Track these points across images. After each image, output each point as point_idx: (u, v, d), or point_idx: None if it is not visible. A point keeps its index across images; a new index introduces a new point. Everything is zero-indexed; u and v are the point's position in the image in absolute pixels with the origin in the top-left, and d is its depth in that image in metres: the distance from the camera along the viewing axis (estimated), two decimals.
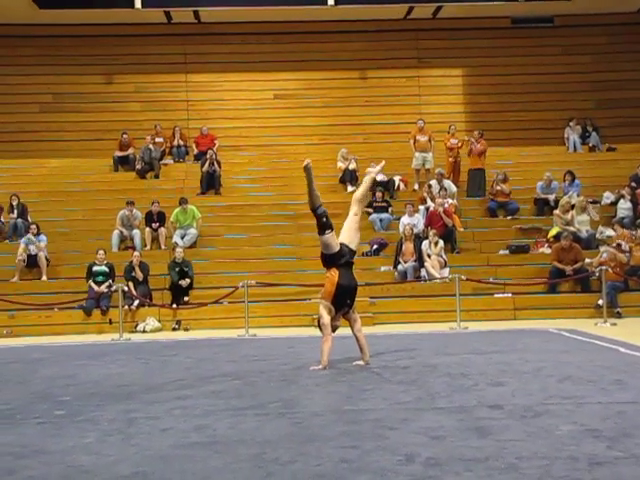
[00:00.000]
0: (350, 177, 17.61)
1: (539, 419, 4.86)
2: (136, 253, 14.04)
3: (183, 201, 15.77)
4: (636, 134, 19.71)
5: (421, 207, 16.29)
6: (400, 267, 14.43)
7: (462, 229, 15.91)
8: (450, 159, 17.70)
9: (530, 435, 4.43)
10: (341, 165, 18.10)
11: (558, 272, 14.02)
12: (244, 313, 12.49)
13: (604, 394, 5.70)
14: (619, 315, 13.13)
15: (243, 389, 6.42)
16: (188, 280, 13.88)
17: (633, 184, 16.81)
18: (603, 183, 17.58)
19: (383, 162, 8.49)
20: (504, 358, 7.99)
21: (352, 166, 17.66)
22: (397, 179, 17.91)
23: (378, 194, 16.61)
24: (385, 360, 8.00)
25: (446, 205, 15.66)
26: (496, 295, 13.88)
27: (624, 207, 16.16)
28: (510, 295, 13.82)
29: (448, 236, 15.10)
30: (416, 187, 17.73)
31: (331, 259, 7.47)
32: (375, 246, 15.33)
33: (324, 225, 7.56)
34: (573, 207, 15.83)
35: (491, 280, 14.03)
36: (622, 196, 16.35)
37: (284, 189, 18.09)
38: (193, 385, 6.72)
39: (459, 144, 17.63)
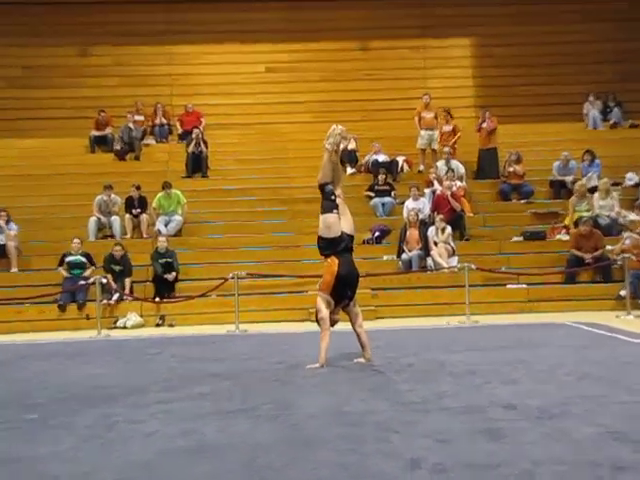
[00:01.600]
0: (349, 158, 17.54)
1: (556, 420, 4.87)
2: (117, 247, 13.96)
3: (166, 185, 15.74)
4: None
5: (427, 190, 16.27)
6: (404, 256, 14.43)
7: (472, 214, 15.91)
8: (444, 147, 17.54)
9: (547, 438, 4.43)
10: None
11: (577, 260, 14.03)
12: (234, 307, 12.48)
13: (628, 393, 5.70)
14: None
15: (233, 390, 6.41)
16: (174, 273, 13.85)
17: None
18: (625, 163, 17.56)
19: (333, 126, 7.72)
20: (518, 354, 8.00)
21: (351, 146, 17.52)
22: (401, 160, 17.89)
23: (380, 176, 16.61)
24: (388, 357, 8.00)
25: (454, 188, 15.64)
26: (509, 286, 13.89)
27: None
28: (524, 286, 13.83)
29: (456, 222, 15.10)
30: (421, 168, 17.72)
31: (330, 245, 7.44)
32: (377, 233, 15.32)
33: (330, 204, 7.50)
34: (592, 190, 15.82)
35: (503, 270, 14.04)
36: None
37: (277, 171, 18.07)
38: (179, 386, 6.71)
39: (454, 131, 17.43)
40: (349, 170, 17.41)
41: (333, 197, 7.54)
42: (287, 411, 5.43)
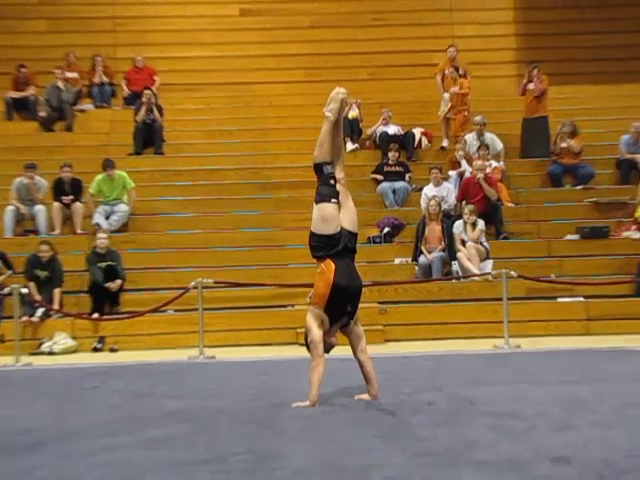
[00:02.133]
0: (351, 129, 17.59)
1: (625, 479, 4.86)
2: (43, 247, 13.90)
3: (108, 164, 15.70)
4: None
5: (452, 173, 16.27)
6: (422, 259, 14.43)
7: (511, 204, 15.92)
8: (451, 115, 17.51)
9: None
10: None
11: None
12: (197, 326, 12.46)
13: None
14: None
15: (195, 436, 6.40)
16: (119, 281, 13.83)
17: None
18: None
19: (337, 89, 7.65)
20: (572, 390, 8.01)
21: (353, 114, 17.65)
22: (418, 132, 17.89)
23: (391, 154, 16.61)
24: (401, 393, 7.99)
25: (488, 170, 15.64)
26: (560, 299, 13.89)
27: None
28: (581, 299, 13.83)
29: (491, 214, 15.10)
30: (445, 144, 17.73)
31: (325, 244, 7.42)
32: (386, 229, 15.32)
33: (329, 191, 7.46)
34: None
35: (553, 278, 14.04)
36: None
37: (256, 147, 18.05)
38: (124, 430, 6.70)
39: (462, 91, 17.36)
40: (349, 145, 17.41)
41: (332, 181, 7.52)
42: (267, 464, 5.41)
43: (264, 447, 5.92)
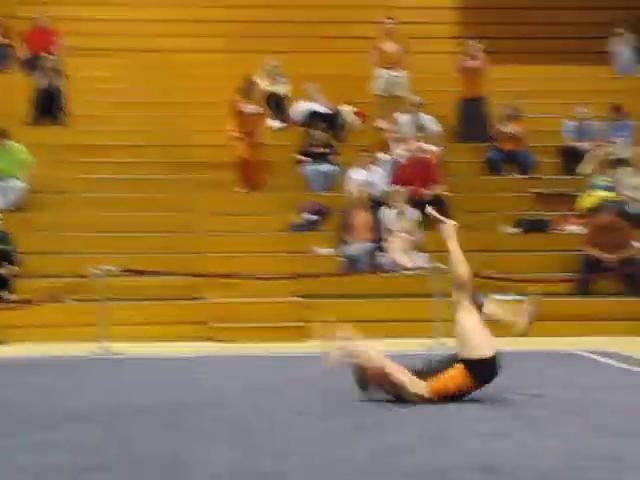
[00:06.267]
0: (276, 106, 17.52)
1: None
2: None
3: (1, 134, 15.51)
4: None
5: (383, 156, 16.28)
6: (348, 249, 14.47)
7: (447, 193, 15.99)
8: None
9: None
10: (265, 87, 17.64)
11: (594, 263, 14.24)
12: (99, 317, 12.36)
13: None
14: None
15: (100, 437, 6.37)
16: (12, 267, 13.69)
17: None
18: None
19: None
20: (507, 395, 8.14)
21: (280, 89, 17.60)
22: (347, 110, 17.86)
23: (317, 133, 16.54)
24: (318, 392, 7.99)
25: (428, 155, 15.75)
26: (498, 297, 14.03)
27: None
28: (519, 297, 13.99)
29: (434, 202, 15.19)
30: (379, 124, 17.67)
31: None
32: (309, 215, 15.29)
33: None
34: (619, 163, 16.04)
35: (490, 274, 14.19)
36: None
37: (171, 121, 17.90)
38: (13, 432, 6.62)
39: None
40: (276, 124, 17.34)
41: None
42: (177, 469, 5.43)
43: (175, 449, 5.92)
